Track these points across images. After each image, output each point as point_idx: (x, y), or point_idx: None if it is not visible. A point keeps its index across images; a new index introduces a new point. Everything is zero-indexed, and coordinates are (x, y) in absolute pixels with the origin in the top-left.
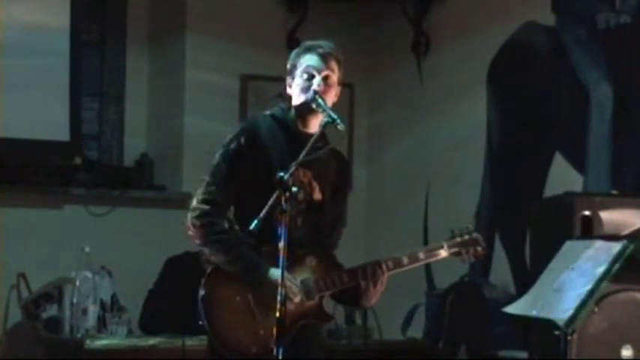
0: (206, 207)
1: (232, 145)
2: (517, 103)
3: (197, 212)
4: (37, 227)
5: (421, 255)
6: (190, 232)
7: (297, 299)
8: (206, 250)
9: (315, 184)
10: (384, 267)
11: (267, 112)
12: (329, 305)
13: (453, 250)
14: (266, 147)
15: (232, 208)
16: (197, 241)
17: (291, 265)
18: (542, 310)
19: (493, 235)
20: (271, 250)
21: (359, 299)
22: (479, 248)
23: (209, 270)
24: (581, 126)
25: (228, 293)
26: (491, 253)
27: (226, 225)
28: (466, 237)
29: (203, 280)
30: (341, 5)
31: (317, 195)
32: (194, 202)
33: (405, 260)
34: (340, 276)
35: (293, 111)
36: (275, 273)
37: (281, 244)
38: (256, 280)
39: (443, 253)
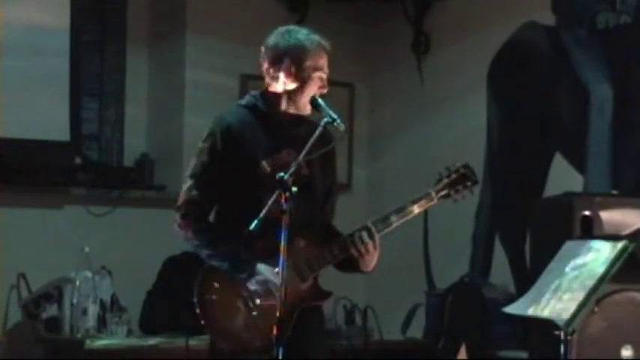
0: (189, 206)
1: (207, 145)
2: (517, 103)
3: (181, 212)
4: (37, 227)
5: (409, 208)
6: (177, 232)
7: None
8: (193, 249)
9: (304, 169)
10: (373, 230)
11: (237, 103)
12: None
13: (442, 193)
14: (241, 137)
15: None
16: (184, 240)
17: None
18: (542, 310)
19: (493, 235)
20: (266, 245)
21: (356, 266)
22: (469, 183)
23: (201, 270)
24: (581, 126)
25: (223, 291)
26: (491, 253)
27: (208, 221)
28: (453, 176)
29: (196, 281)
30: (341, 5)
31: (304, 171)
32: (178, 202)
33: (394, 218)
34: (331, 250)
35: (269, 96)
36: (261, 268)
37: (282, 244)
38: (244, 277)
39: (431, 200)
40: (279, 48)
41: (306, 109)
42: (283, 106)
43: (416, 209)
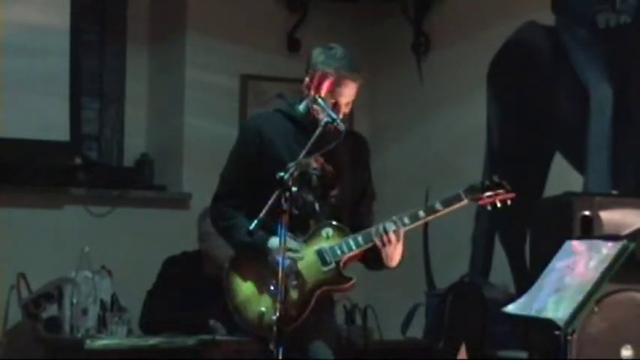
0: (218, 203)
1: (239, 147)
2: (517, 103)
3: (212, 206)
4: (37, 227)
5: (438, 206)
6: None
7: (299, 255)
8: (223, 239)
9: (328, 167)
10: (398, 222)
11: (273, 109)
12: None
13: (471, 196)
14: (271, 141)
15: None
16: (217, 232)
17: (307, 241)
18: (542, 310)
19: (493, 235)
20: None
21: (381, 260)
22: (502, 190)
23: (227, 263)
24: (581, 126)
25: (248, 277)
26: (491, 253)
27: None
28: (487, 182)
29: (223, 272)
30: (341, 5)
31: (328, 167)
32: (212, 200)
33: (422, 214)
34: (355, 239)
35: (305, 105)
36: (273, 241)
37: (282, 244)
38: (258, 249)
39: (461, 201)
40: (309, 59)
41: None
42: (312, 114)
43: (444, 209)
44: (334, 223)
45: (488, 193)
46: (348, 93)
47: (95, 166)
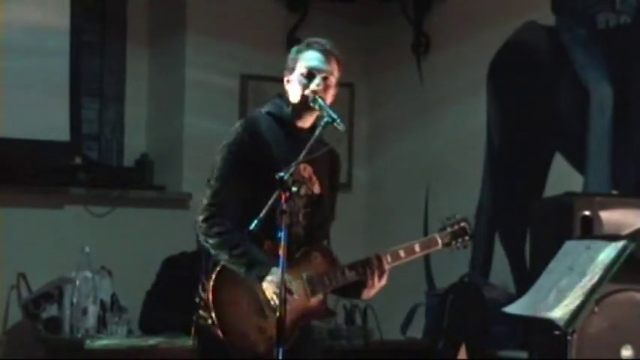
0: (212, 208)
1: (235, 144)
2: (517, 103)
3: (204, 214)
4: (37, 227)
5: (417, 248)
6: (199, 233)
7: (295, 296)
8: (211, 250)
9: (315, 178)
10: (384, 261)
11: (263, 110)
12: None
13: (445, 241)
14: (268, 143)
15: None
16: (204, 242)
17: (296, 262)
18: (542, 310)
19: (493, 235)
20: (273, 245)
21: (360, 292)
22: (466, 237)
23: (217, 269)
24: (581, 126)
25: (237, 292)
26: (491, 253)
27: (230, 224)
28: (455, 227)
29: (212, 279)
30: (341, 5)
31: (317, 189)
32: (202, 203)
33: (402, 253)
34: (343, 271)
35: (290, 107)
36: (277, 272)
37: (281, 245)
38: (259, 278)
39: (437, 245)
40: (289, 57)
41: (308, 122)
42: (296, 118)
43: (421, 250)
44: (323, 246)
45: (457, 240)
46: (311, 60)
47: (95, 166)
